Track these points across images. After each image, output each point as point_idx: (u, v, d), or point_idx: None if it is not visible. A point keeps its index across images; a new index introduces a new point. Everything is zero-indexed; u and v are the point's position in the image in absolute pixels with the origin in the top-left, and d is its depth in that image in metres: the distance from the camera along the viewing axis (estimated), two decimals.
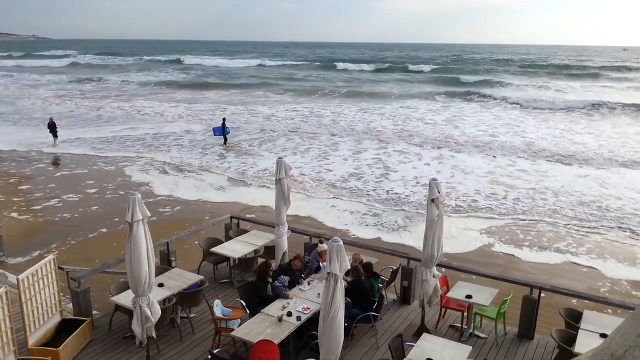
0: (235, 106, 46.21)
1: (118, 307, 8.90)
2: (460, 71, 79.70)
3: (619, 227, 16.88)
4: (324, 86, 62.40)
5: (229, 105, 46.96)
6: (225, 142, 29.39)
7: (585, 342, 7.37)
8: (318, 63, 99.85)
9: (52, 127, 29.14)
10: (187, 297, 9.27)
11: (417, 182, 21.64)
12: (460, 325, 9.46)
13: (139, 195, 7.10)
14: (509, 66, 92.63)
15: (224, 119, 30.68)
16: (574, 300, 10.47)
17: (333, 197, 19.54)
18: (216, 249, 10.98)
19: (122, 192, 19.69)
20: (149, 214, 7.26)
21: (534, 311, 9.11)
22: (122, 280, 9.23)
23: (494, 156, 26.73)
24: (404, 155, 27.07)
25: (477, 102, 48.92)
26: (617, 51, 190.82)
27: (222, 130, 29.19)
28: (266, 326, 7.94)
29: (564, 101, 46.51)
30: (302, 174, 22.80)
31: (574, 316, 8.67)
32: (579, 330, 8.04)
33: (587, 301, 9.39)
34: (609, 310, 9.72)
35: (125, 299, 8.45)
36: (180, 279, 9.53)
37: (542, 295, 9.24)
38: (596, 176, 23.02)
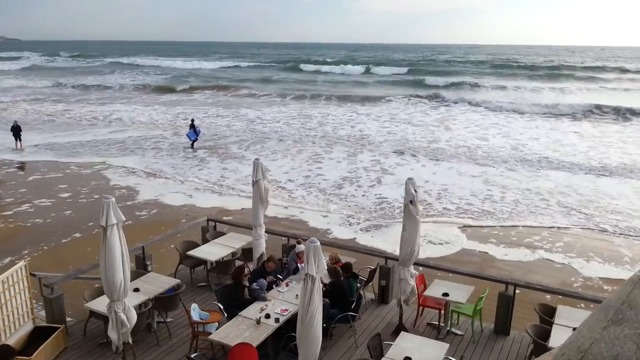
0: (196, 108, 45.52)
1: (93, 313, 8.75)
2: (429, 72, 76.94)
3: (592, 226, 17.25)
4: (285, 90, 59.39)
5: (193, 108, 46.33)
6: (192, 145, 28.84)
7: (559, 337, 7.51)
8: (282, 64, 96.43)
9: (16, 131, 28.50)
10: (164, 302, 9.17)
11: (377, 184, 21.79)
12: (437, 323, 9.55)
13: (113, 199, 6.99)
14: (478, 67, 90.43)
15: (192, 120, 30.08)
16: (548, 296, 10.65)
17: (325, 213, 19.36)
18: (193, 252, 10.88)
19: (96, 196, 19.35)
20: (124, 218, 7.16)
21: (509, 307, 9.25)
22: (96, 285, 9.06)
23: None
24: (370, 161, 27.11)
25: (444, 106, 47.59)
26: (594, 51, 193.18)
27: (193, 132, 28.77)
28: (244, 329, 7.89)
29: (539, 104, 45.64)
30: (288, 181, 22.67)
31: (548, 311, 8.84)
32: (553, 325, 8.19)
33: (560, 296, 9.58)
34: (582, 305, 9.93)
35: (100, 304, 8.30)
36: (157, 283, 9.41)
37: (517, 291, 9.39)
38: (569, 179, 23.46)
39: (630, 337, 1.41)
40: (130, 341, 7.67)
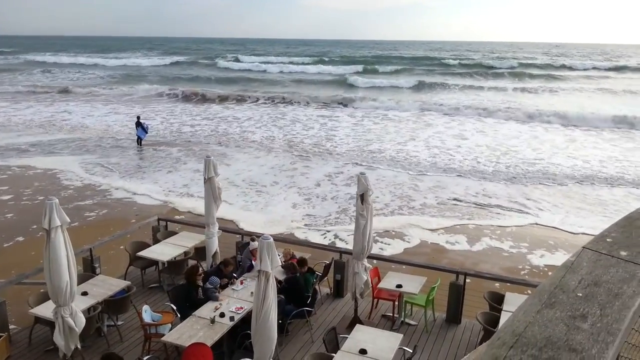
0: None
1: (38, 320, 8.41)
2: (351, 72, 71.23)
3: (536, 218, 17.95)
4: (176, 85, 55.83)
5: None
6: (139, 143, 28.01)
7: None
8: (205, 60, 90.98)
9: None
10: (114, 305, 8.92)
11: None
12: (392, 314, 9.71)
13: (57, 201, 6.74)
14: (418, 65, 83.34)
15: (138, 117, 29.04)
16: (497, 284, 11.01)
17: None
18: (143, 253, 10.62)
19: (41, 198, 18.56)
20: (68, 220, 6.92)
21: (460, 296, 9.52)
22: (41, 290, 8.71)
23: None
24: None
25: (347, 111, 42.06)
26: (550, 47, 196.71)
27: (142, 130, 28.01)
28: (198, 329, 7.78)
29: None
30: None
31: (497, 299, 9.14)
32: (502, 312, 8.47)
33: (509, 284, 9.93)
34: (529, 292, 10.30)
35: (45, 310, 8.01)
36: (106, 286, 9.14)
37: (467, 280, 9.68)
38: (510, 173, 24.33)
39: (561, 319, 1.47)
40: (79, 346, 7.44)
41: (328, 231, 15.98)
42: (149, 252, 10.71)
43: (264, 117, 38.36)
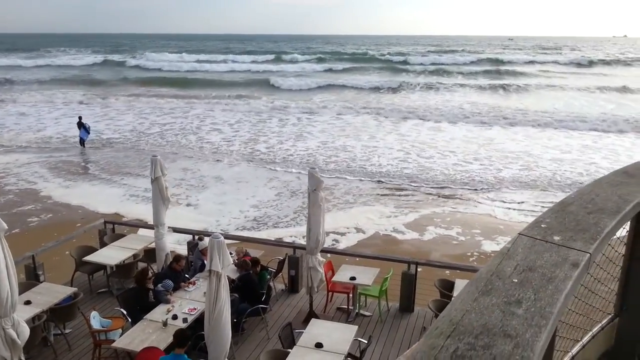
0: None
1: None
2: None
3: (486, 207, 18.55)
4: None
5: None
6: (83, 144, 27.02)
7: None
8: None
9: None
10: (60, 312, 8.57)
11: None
12: (346, 306, 9.80)
13: None
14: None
15: (80, 118, 27.89)
16: (447, 272, 11.31)
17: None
18: (90, 258, 10.25)
19: None
20: (6, 227, 6.58)
21: (412, 285, 9.71)
22: None
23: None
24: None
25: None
26: (502, 40, 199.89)
27: (85, 131, 26.99)
28: (150, 332, 7.59)
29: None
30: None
31: (448, 286, 9.38)
32: (452, 298, 8.70)
33: (458, 271, 10.22)
34: None
35: None
36: (51, 293, 8.76)
37: (419, 269, 9.87)
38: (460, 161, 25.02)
39: (497, 306, 1.51)
40: (23, 358, 7.11)
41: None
42: (96, 257, 10.35)
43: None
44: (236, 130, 31.73)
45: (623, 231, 3.05)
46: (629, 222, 3.01)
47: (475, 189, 19.95)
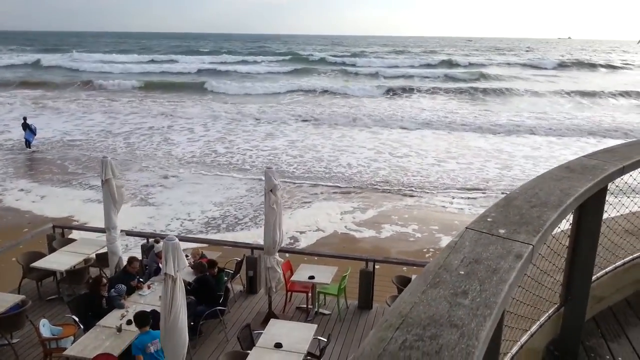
0: None
1: None
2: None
3: (438, 199, 18.96)
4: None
5: None
6: (29, 146, 25.88)
7: None
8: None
9: None
10: (6, 322, 8.21)
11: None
12: (306, 306, 9.81)
13: None
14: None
15: (24, 118, 26.52)
16: (405, 268, 11.48)
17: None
18: (38, 264, 9.87)
19: None
20: None
21: (370, 283, 9.82)
22: None
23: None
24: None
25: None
26: (463, 41, 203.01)
27: (30, 132, 25.90)
28: (104, 339, 7.38)
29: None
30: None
31: (405, 282, 9.50)
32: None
33: (415, 267, 10.39)
34: None
35: None
36: None
37: (376, 267, 9.99)
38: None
39: (444, 297, 1.55)
40: None
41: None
42: (45, 262, 9.97)
43: None
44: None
45: (567, 224, 3.19)
46: (571, 216, 3.15)
47: (431, 189, 20.38)
